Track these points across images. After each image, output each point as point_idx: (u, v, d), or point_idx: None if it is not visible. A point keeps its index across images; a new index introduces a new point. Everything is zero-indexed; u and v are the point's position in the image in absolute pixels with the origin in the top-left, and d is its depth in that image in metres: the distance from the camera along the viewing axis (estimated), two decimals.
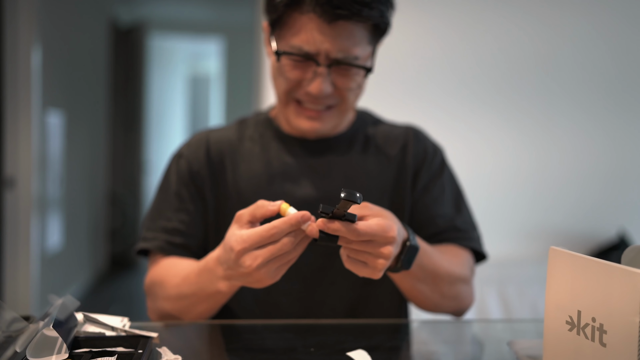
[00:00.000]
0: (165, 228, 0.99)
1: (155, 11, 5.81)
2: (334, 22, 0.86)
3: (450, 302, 0.97)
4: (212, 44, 6.50)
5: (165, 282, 0.93)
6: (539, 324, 0.95)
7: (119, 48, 5.44)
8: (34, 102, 3.20)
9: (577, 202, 2.42)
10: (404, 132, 1.07)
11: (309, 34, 0.87)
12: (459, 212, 1.05)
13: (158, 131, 5.99)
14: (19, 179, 3.17)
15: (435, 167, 1.06)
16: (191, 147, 1.05)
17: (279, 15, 0.90)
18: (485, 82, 2.37)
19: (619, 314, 0.56)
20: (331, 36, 0.87)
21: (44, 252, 3.47)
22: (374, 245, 0.73)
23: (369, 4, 0.86)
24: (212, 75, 7.66)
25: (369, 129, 1.07)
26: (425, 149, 1.06)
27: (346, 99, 0.95)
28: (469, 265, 1.00)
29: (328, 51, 0.88)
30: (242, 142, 1.05)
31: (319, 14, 0.86)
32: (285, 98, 0.96)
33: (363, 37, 0.89)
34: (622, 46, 2.41)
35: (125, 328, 0.75)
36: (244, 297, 0.99)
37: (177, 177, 1.03)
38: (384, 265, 0.74)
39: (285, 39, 0.90)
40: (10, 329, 0.68)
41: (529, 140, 2.40)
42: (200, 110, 7.82)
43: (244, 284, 0.79)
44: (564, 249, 0.65)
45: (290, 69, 0.91)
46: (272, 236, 0.72)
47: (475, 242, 1.04)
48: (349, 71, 0.91)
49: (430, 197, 1.03)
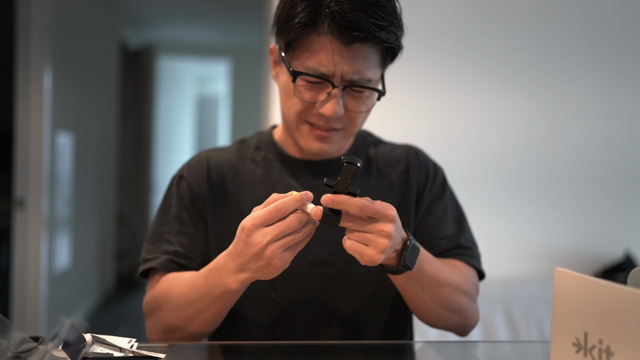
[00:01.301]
0: (166, 251, 0.99)
1: (164, 34, 5.91)
2: (351, 45, 0.87)
3: (453, 315, 0.96)
4: (220, 66, 6.58)
5: (171, 294, 0.93)
6: (546, 346, 0.95)
7: (128, 70, 5.52)
8: (45, 125, 3.24)
9: (583, 222, 2.41)
10: (404, 153, 1.08)
11: (326, 55, 0.88)
12: (461, 231, 1.05)
13: (166, 152, 6.04)
14: (29, 199, 3.20)
15: (437, 188, 1.06)
16: (191, 170, 1.05)
17: (295, 36, 0.89)
18: (491, 115, 2.39)
19: (626, 335, 0.56)
20: (348, 58, 0.88)
21: (52, 271, 3.48)
22: (374, 224, 0.76)
23: (386, 27, 0.87)
24: (220, 96, 7.74)
25: (370, 150, 1.08)
26: (427, 170, 1.07)
27: (355, 123, 0.96)
28: (472, 282, 1.00)
29: (344, 73, 0.89)
30: (244, 164, 1.05)
31: (336, 36, 0.86)
32: (296, 120, 0.96)
33: (376, 61, 0.91)
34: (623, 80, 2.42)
35: (133, 349, 0.75)
36: (249, 323, 0.99)
37: (177, 200, 1.03)
38: (386, 245, 0.76)
39: (300, 60, 0.90)
40: (20, 349, 0.68)
41: (536, 159, 2.40)
42: (208, 131, 7.89)
43: (255, 271, 0.79)
44: (570, 269, 0.65)
45: (304, 90, 0.92)
46: (279, 210, 0.75)
47: (477, 260, 1.04)
48: (362, 94, 0.92)
49: (433, 219, 1.04)
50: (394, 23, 0.88)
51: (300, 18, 0.87)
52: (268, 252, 0.77)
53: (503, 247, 2.33)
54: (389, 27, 0.87)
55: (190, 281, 0.91)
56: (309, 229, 0.78)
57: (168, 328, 0.94)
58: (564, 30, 2.40)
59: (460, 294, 0.95)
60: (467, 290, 0.97)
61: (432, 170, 1.07)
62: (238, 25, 5.38)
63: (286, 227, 0.76)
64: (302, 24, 0.88)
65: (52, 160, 3.40)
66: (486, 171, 2.39)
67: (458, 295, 0.95)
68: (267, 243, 0.76)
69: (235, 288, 0.84)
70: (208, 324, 0.91)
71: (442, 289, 0.92)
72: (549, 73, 2.40)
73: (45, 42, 3.20)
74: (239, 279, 0.82)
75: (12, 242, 3.25)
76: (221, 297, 0.87)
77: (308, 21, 0.87)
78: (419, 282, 0.89)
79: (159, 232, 1.02)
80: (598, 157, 2.43)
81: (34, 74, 3.19)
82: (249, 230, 0.77)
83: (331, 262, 0.97)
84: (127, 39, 5.60)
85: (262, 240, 0.76)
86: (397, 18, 0.90)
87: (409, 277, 0.88)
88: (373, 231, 0.76)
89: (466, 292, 0.97)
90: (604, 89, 2.42)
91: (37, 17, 3.17)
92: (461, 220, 1.07)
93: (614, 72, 2.42)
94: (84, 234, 4.26)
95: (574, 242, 2.40)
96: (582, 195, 2.42)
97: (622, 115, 2.44)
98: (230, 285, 0.83)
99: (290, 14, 0.89)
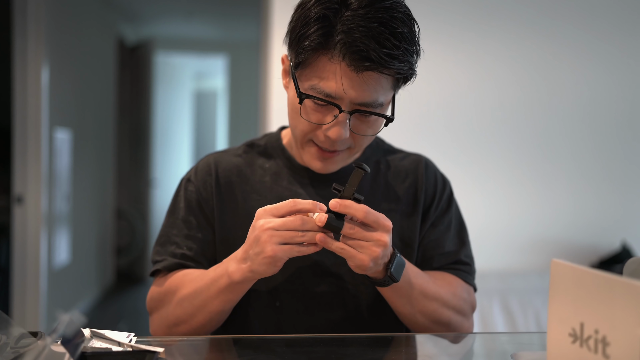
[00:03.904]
0: (174, 254, 1.00)
1: (162, 29, 5.89)
2: (362, 72, 0.84)
3: (442, 328, 0.97)
4: (218, 61, 6.56)
5: (180, 288, 0.94)
6: (543, 336, 0.95)
7: (125, 65, 5.50)
8: (43, 121, 3.24)
9: (580, 214, 2.42)
10: (414, 165, 1.06)
11: (335, 80, 0.85)
12: (462, 246, 1.06)
13: (165, 147, 6.03)
14: (28, 196, 3.20)
15: (444, 203, 1.06)
16: (199, 174, 1.04)
17: (305, 58, 0.87)
18: (489, 103, 2.39)
19: (622, 326, 0.56)
20: (358, 84, 0.85)
21: (52, 267, 3.49)
22: (372, 232, 0.80)
23: (398, 57, 0.83)
24: (219, 91, 7.72)
25: (380, 159, 1.06)
26: (436, 184, 1.06)
27: (360, 145, 0.94)
28: (464, 298, 1.00)
29: (352, 98, 0.86)
30: (252, 170, 1.04)
31: (347, 62, 0.83)
32: (302, 138, 0.94)
33: (388, 85, 0.88)
34: (619, 65, 2.42)
35: (131, 343, 0.76)
36: (254, 331, 0.99)
37: (185, 203, 1.03)
38: (378, 254, 0.80)
39: (309, 80, 0.88)
40: (19, 345, 0.68)
41: (533, 153, 2.41)
42: (206, 126, 7.87)
43: (253, 259, 0.82)
44: (567, 261, 0.65)
45: (311, 111, 0.90)
46: (291, 206, 0.81)
47: (472, 275, 1.05)
48: (369, 118, 0.90)
49: (436, 234, 1.04)
50: (408, 51, 0.85)
51: (312, 40, 0.84)
52: (264, 237, 0.80)
53: (500, 239, 2.34)
54: (402, 56, 0.84)
55: (200, 273, 0.94)
56: (311, 235, 0.81)
57: (173, 322, 0.95)
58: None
59: (447, 309, 0.96)
60: (455, 306, 0.97)
61: (440, 184, 1.06)
62: (235, 20, 5.37)
63: (289, 222, 0.80)
64: (313, 47, 0.85)
65: (50, 157, 3.40)
66: (482, 165, 2.39)
67: (445, 310, 0.96)
68: (267, 229, 0.80)
69: (237, 278, 0.85)
70: (212, 319, 0.92)
71: (429, 302, 0.93)
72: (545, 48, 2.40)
73: (42, 38, 3.19)
74: (241, 269, 0.85)
75: (11, 238, 3.26)
76: (224, 290, 0.88)
77: (319, 45, 0.84)
78: (406, 294, 0.91)
79: (167, 235, 1.02)
80: (595, 148, 2.43)
81: (31, 70, 3.18)
82: (258, 215, 0.83)
83: (335, 271, 0.98)
84: (124, 34, 5.59)
85: (263, 225, 0.81)
86: (413, 44, 0.86)
87: (396, 289, 0.90)
88: (370, 239, 0.80)
89: (455, 308, 0.97)
90: (603, 87, 2.42)
91: (33, 13, 3.16)
92: (463, 235, 1.07)
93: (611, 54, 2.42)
94: (83, 230, 4.26)
95: (570, 233, 2.40)
96: (578, 186, 2.42)
97: (620, 111, 2.44)
98: (233, 274, 0.85)
99: (302, 33, 0.86)
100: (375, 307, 0.99)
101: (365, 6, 0.83)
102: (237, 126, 6.08)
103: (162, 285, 0.98)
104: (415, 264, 1.02)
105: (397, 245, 1.01)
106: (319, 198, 0.99)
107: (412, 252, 1.02)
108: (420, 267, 1.02)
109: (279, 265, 0.82)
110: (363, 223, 0.81)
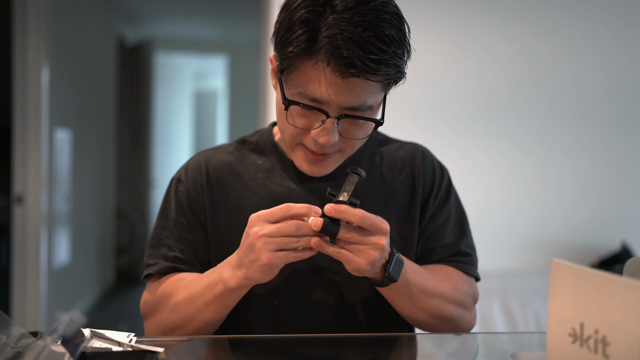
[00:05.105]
0: (167, 256, 0.98)
1: (162, 29, 5.89)
2: (348, 78, 0.80)
3: (444, 323, 0.96)
4: (218, 61, 6.56)
5: (174, 293, 0.93)
6: (543, 336, 0.95)
7: (125, 66, 5.50)
8: (43, 121, 3.24)
9: (580, 214, 2.42)
10: (410, 155, 1.03)
11: (320, 86, 0.82)
12: (462, 236, 1.04)
13: (165, 147, 6.03)
14: (28, 196, 3.20)
15: (443, 193, 1.03)
16: (189, 173, 1.01)
17: (290, 63, 0.83)
18: (488, 100, 2.39)
19: (622, 326, 0.56)
20: (344, 90, 0.81)
21: (52, 267, 3.49)
22: (369, 236, 0.79)
23: (385, 61, 0.79)
24: (219, 91, 7.73)
25: (375, 151, 1.04)
26: (434, 174, 1.03)
27: (352, 147, 0.93)
28: (465, 290, 0.99)
29: (340, 103, 0.83)
30: (244, 167, 1.02)
31: (332, 69, 0.80)
32: (290, 142, 0.92)
33: (376, 88, 0.84)
34: (623, 60, 2.42)
35: (131, 343, 0.76)
36: (252, 331, 0.99)
37: (176, 204, 1.01)
38: (375, 257, 0.79)
39: (295, 85, 0.84)
40: (19, 345, 0.68)
41: (532, 153, 2.41)
42: (206, 126, 7.88)
43: (248, 267, 0.81)
44: (567, 261, 0.65)
45: (297, 116, 0.87)
46: (285, 211, 0.79)
47: (474, 266, 1.03)
48: (359, 121, 0.87)
49: (436, 225, 1.02)
50: (396, 54, 0.80)
51: (295, 46, 0.81)
52: (259, 245, 0.79)
53: (500, 239, 2.34)
54: (390, 60, 0.79)
55: (194, 278, 0.92)
56: (306, 240, 0.79)
57: (169, 327, 0.93)
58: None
59: (449, 304, 0.95)
60: (457, 300, 0.96)
61: (438, 174, 1.04)
62: (236, 20, 5.37)
63: (284, 228, 0.78)
64: (296, 53, 0.81)
65: (50, 157, 3.40)
66: (482, 165, 2.39)
67: (447, 305, 0.95)
68: (261, 235, 0.79)
69: (232, 285, 0.84)
70: (208, 324, 0.91)
71: (429, 299, 0.92)
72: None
73: (42, 38, 3.19)
74: (236, 276, 0.83)
75: (11, 238, 3.26)
76: (220, 296, 0.86)
77: (302, 51, 0.81)
78: (406, 293, 0.90)
79: (159, 237, 1.00)
80: (596, 148, 2.43)
81: (31, 70, 3.18)
82: (252, 221, 0.81)
83: (333, 268, 0.96)
84: (124, 34, 5.59)
85: (257, 232, 0.79)
86: (402, 45, 0.82)
87: (395, 288, 0.89)
88: (367, 243, 0.79)
89: (456, 302, 0.96)
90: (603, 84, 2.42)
91: (34, 13, 3.16)
92: (463, 224, 1.05)
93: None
94: (83, 230, 4.26)
95: (571, 233, 2.40)
96: (579, 186, 2.42)
97: (622, 111, 2.44)
98: (228, 281, 0.84)
99: (287, 37, 0.82)
100: (374, 303, 0.99)
101: (350, 8, 0.79)
102: (237, 126, 6.08)
103: (156, 290, 0.97)
104: (415, 258, 1.01)
105: (396, 240, 0.99)
106: (313, 193, 0.97)
107: (411, 247, 1.00)
108: (420, 260, 1.01)
109: (275, 272, 0.81)
110: (360, 227, 0.80)
